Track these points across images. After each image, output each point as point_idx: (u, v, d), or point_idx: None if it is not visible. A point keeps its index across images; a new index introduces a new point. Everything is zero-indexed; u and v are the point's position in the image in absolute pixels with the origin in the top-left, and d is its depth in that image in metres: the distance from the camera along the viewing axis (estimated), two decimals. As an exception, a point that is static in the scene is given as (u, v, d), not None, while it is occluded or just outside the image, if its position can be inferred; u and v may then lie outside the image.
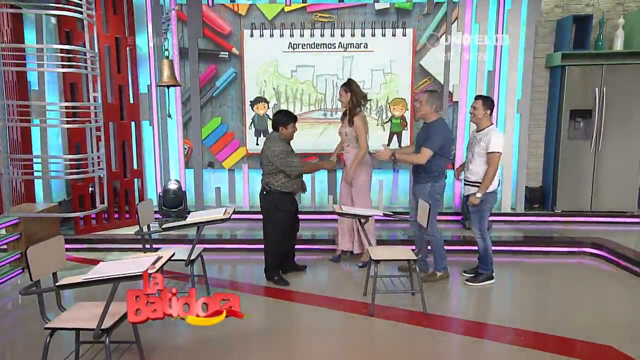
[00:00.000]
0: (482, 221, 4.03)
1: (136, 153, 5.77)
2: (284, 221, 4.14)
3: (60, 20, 4.98)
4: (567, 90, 5.64)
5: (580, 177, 5.81)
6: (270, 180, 4.07)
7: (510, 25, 5.66)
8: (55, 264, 2.62)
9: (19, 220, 4.44)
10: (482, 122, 4.01)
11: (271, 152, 3.98)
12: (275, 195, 4.07)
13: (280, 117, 4.05)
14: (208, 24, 5.71)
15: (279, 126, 4.03)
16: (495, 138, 3.88)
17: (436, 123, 4.00)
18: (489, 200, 4.02)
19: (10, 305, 3.91)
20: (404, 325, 3.43)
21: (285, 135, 4.06)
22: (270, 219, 4.15)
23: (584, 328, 3.36)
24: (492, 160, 3.89)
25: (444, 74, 5.72)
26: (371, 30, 5.68)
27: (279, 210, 4.10)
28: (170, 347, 3.11)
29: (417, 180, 4.17)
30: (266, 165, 4.06)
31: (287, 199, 4.14)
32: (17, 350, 3.18)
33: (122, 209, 5.67)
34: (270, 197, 4.10)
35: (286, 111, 4.17)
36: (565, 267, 4.77)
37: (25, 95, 5.21)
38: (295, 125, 4.09)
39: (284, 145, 4.03)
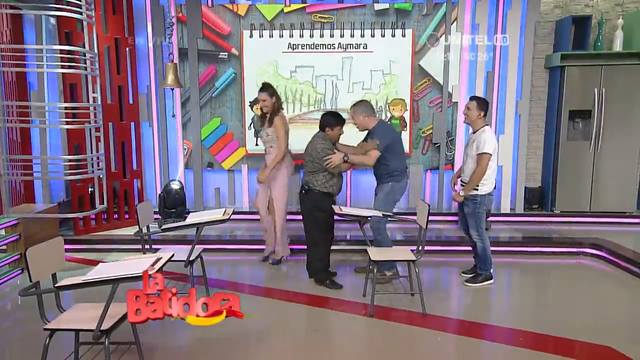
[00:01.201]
0: (480, 223, 4.04)
1: (135, 154, 5.77)
2: (326, 222, 4.10)
3: (60, 20, 4.97)
4: (567, 91, 5.65)
5: (580, 178, 5.81)
6: (310, 179, 4.06)
7: (509, 25, 5.67)
8: (55, 265, 2.62)
9: (18, 221, 4.44)
10: (476, 123, 4.00)
11: (314, 149, 4.00)
12: (315, 195, 4.05)
13: (329, 118, 4.09)
14: (208, 25, 5.71)
15: (326, 127, 4.07)
16: (486, 139, 3.87)
17: (377, 127, 4.13)
18: (485, 202, 4.03)
19: (9, 306, 3.91)
20: (403, 326, 3.43)
21: (330, 136, 4.08)
22: (312, 220, 4.11)
23: (583, 328, 3.37)
24: (481, 161, 3.89)
25: (443, 75, 5.73)
26: (370, 30, 5.69)
27: (320, 211, 4.05)
28: (169, 347, 3.11)
29: (380, 181, 4.24)
30: (308, 163, 4.08)
31: (327, 200, 4.08)
32: (17, 351, 3.17)
33: (121, 210, 5.67)
34: (310, 197, 4.08)
35: (335, 113, 4.19)
36: (565, 267, 4.77)
37: (25, 95, 5.22)
38: (342, 128, 4.12)
39: (328, 144, 4.04)
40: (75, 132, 5.08)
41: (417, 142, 5.90)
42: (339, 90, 5.80)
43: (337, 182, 4.14)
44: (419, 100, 5.82)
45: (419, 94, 5.80)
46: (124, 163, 5.68)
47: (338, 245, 5.10)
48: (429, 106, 5.82)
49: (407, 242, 5.05)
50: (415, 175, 5.91)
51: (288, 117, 5.86)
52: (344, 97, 5.81)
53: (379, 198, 4.17)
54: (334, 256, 4.78)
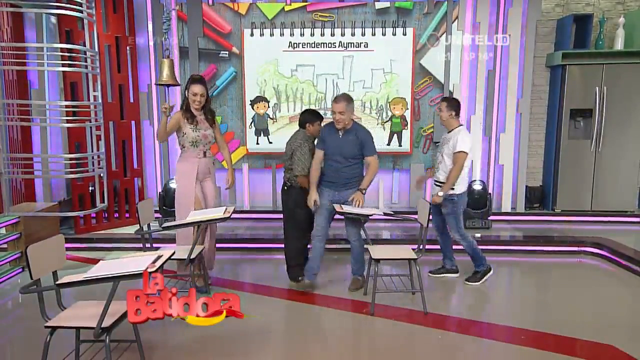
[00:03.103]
0: (459, 222, 4.05)
1: (136, 152, 5.76)
2: (304, 219, 4.08)
3: (61, 19, 4.97)
4: (568, 90, 5.64)
5: (581, 177, 5.81)
6: (291, 175, 4.05)
7: (510, 24, 5.66)
8: (56, 263, 2.62)
9: (19, 219, 4.44)
10: (450, 123, 4.03)
11: (293, 145, 4.00)
12: (296, 190, 4.03)
13: (307, 115, 4.10)
14: (208, 23, 5.71)
15: (307, 123, 4.06)
16: (462, 138, 3.89)
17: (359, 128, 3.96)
18: (461, 202, 4.05)
19: (10, 304, 3.91)
20: (404, 324, 3.42)
21: (311, 132, 4.07)
22: (290, 217, 4.10)
23: (584, 327, 3.36)
24: (457, 160, 3.90)
25: (444, 74, 5.72)
26: (371, 29, 5.68)
27: (300, 208, 4.05)
28: (170, 346, 3.10)
29: (349, 186, 3.90)
30: (287, 160, 4.05)
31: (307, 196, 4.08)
32: (17, 349, 3.17)
33: (122, 208, 5.67)
34: (291, 193, 4.06)
35: (313, 110, 4.20)
36: (566, 266, 4.76)
37: (26, 94, 5.21)
38: (321, 124, 4.09)
39: (307, 141, 4.03)
40: (76, 131, 5.08)
41: (418, 140, 5.90)
42: (339, 89, 5.79)
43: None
44: (419, 99, 5.81)
45: (420, 93, 5.80)
46: (124, 162, 5.67)
47: (338, 244, 5.11)
48: (430, 105, 5.81)
49: (408, 241, 5.05)
50: (416, 174, 5.90)
51: (288, 115, 5.88)
52: (344, 95, 5.80)
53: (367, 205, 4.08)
54: (338, 255, 4.81)
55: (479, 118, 5.85)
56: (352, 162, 3.86)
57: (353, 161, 3.86)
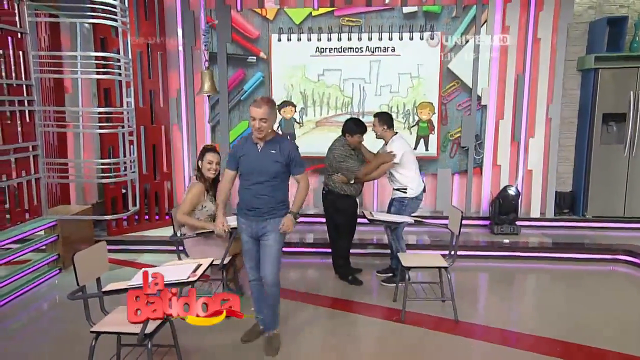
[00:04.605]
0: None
1: (165, 156, 5.88)
2: (345, 222, 4.28)
3: (95, 27, 5.10)
4: (600, 94, 5.54)
5: (613, 182, 5.69)
6: (328, 181, 4.27)
7: (541, 27, 5.58)
8: (99, 269, 2.71)
9: (57, 222, 4.58)
10: (385, 136, 4.26)
11: (332, 154, 4.17)
12: (334, 195, 4.23)
13: (350, 124, 4.17)
14: (237, 29, 5.78)
15: (346, 133, 4.16)
16: (394, 146, 4.14)
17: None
18: (412, 205, 4.19)
19: (48, 305, 4.04)
20: (435, 332, 3.42)
21: (350, 143, 4.17)
22: (331, 220, 4.35)
23: (617, 339, 3.30)
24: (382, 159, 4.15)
25: (472, 78, 5.67)
26: (399, 33, 5.67)
27: (338, 212, 4.25)
28: (207, 350, 3.17)
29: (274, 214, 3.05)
30: (327, 167, 4.25)
31: (346, 201, 4.23)
32: (57, 350, 3.27)
33: (152, 211, 5.79)
34: (330, 197, 4.28)
35: (358, 120, 4.25)
36: (597, 275, 4.68)
37: (62, 100, 5.37)
38: (363, 136, 4.18)
39: (346, 150, 4.15)
40: (109, 136, 5.21)
41: (445, 145, 5.86)
42: (366, 94, 5.80)
43: (356, 185, 4.23)
44: (447, 103, 5.78)
45: (448, 97, 5.76)
46: (154, 165, 5.80)
47: (365, 249, 5.13)
48: (458, 109, 5.77)
49: (433, 246, 5.05)
50: (443, 179, 5.88)
51: (315, 120, 5.91)
52: (371, 100, 5.81)
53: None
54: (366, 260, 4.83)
55: (507, 122, 5.79)
56: (275, 182, 3.00)
57: (276, 181, 3.00)
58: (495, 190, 5.80)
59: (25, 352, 3.20)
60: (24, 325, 3.62)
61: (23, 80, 4.27)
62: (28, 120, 4.35)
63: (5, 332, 3.49)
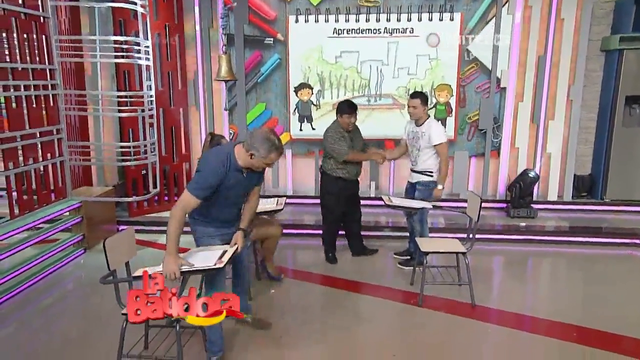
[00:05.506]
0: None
1: (184, 138, 5.94)
2: (334, 204, 4.38)
3: (114, 9, 5.11)
4: (624, 75, 5.41)
5: (633, 166, 5.61)
6: (323, 163, 4.39)
7: (564, 6, 5.43)
8: (128, 253, 2.80)
9: (81, 204, 4.70)
10: (424, 116, 4.14)
11: (325, 136, 4.28)
12: (327, 177, 4.34)
13: (340, 105, 4.28)
14: (254, 10, 5.73)
15: (337, 113, 4.27)
16: (435, 131, 4.05)
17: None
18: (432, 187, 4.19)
19: (72, 284, 4.19)
20: (452, 316, 3.48)
21: (340, 123, 4.23)
22: (323, 200, 4.48)
23: (635, 325, 3.33)
24: (443, 150, 4.08)
25: (492, 59, 5.58)
26: (417, 14, 5.57)
27: (329, 194, 4.38)
28: (230, 331, 3.27)
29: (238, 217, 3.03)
30: (323, 148, 4.37)
31: (338, 184, 4.31)
32: (85, 327, 3.40)
33: (171, 192, 5.89)
34: (324, 179, 4.41)
35: (348, 101, 4.31)
36: (615, 259, 4.68)
37: (82, 84, 5.43)
38: (352, 117, 4.20)
39: (337, 132, 4.22)
40: (129, 118, 5.27)
41: (463, 128, 5.82)
42: (383, 76, 5.75)
43: (350, 168, 4.27)
44: (465, 86, 5.71)
45: (466, 79, 5.69)
46: (173, 147, 5.86)
47: (382, 231, 5.18)
48: (476, 92, 5.70)
49: (449, 229, 5.07)
50: (460, 162, 5.86)
51: (332, 102, 5.89)
52: (388, 82, 5.77)
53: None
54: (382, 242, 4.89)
55: (527, 105, 5.71)
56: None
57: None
58: (512, 173, 5.77)
59: (59, 330, 3.35)
60: (54, 303, 3.79)
61: (47, 65, 4.33)
62: (52, 104, 4.43)
63: (37, 309, 3.65)
